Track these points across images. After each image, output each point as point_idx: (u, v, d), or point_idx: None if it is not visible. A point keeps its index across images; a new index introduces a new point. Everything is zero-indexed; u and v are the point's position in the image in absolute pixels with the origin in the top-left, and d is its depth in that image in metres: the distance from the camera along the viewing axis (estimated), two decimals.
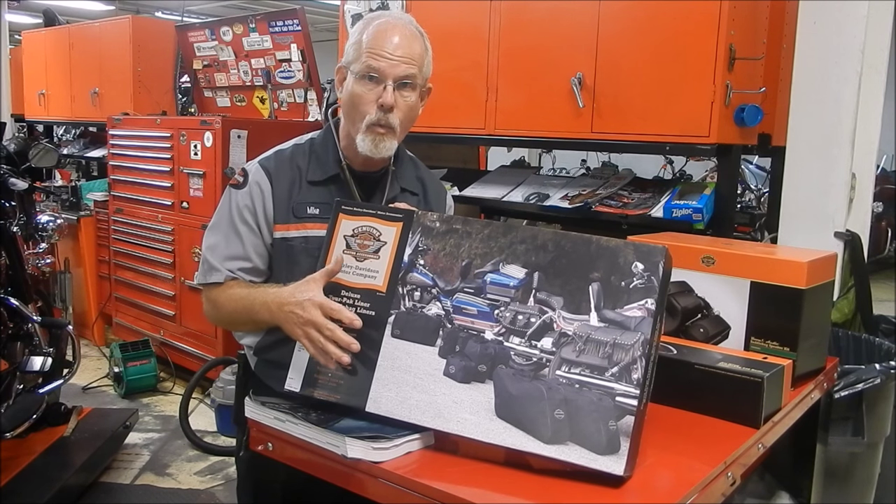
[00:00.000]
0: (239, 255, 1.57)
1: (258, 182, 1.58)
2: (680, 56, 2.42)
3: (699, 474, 1.14)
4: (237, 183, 1.60)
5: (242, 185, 1.59)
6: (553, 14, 2.73)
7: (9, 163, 3.09)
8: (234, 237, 1.57)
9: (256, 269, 1.58)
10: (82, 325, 5.00)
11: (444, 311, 1.26)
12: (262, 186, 1.57)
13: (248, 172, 1.60)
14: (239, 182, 1.60)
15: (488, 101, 2.94)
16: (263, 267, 1.59)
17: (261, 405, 1.28)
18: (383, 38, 1.51)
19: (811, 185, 2.41)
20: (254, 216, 1.57)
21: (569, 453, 1.10)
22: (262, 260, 1.59)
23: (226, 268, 1.56)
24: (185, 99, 5.34)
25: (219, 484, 3.23)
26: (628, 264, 1.17)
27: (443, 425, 1.18)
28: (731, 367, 1.38)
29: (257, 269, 1.58)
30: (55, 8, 6.80)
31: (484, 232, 1.28)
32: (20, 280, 2.94)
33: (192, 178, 4.06)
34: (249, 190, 1.58)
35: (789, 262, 1.54)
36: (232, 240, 1.57)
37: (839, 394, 1.88)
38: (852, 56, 2.31)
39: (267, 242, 1.58)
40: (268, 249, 1.59)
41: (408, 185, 1.69)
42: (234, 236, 1.57)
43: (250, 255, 1.57)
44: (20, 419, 2.82)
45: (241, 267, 1.56)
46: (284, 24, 4.39)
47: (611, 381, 1.12)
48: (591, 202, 2.82)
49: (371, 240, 1.33)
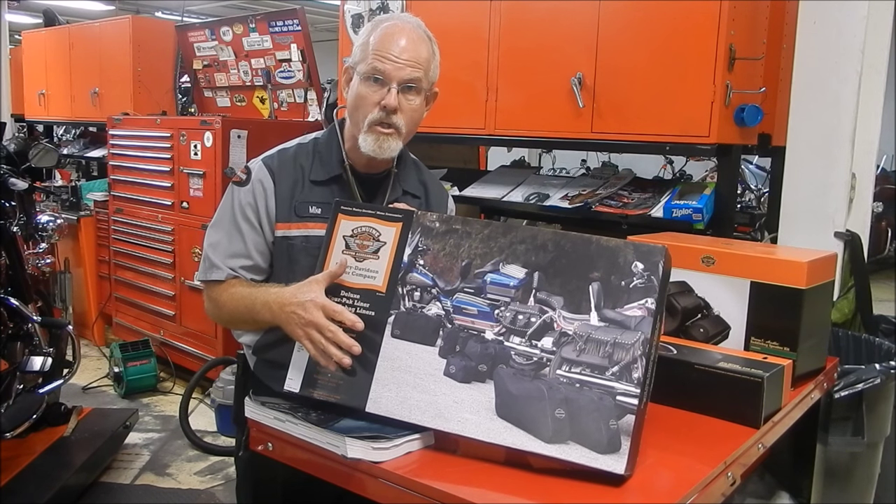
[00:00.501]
0: (241, 252, 1.57)
1: (261, 180, 1.58)
2: (680, 56, 2.42)
3: (699, 474, 1.14)
4: (240, 180, 1.60)
5: (245, 182, 1.59)
6: (553, 14, 2.73)
7: (9, 163, 3.09)
8: (237, 234, 1.57)
9: (258, 268, 1.58)
10: (82, 325, 5.00)
11: (444, 312, 1.26)
12: (264, 184, 1.57)
13: (251, 170, 1.60)
14: (242, 179, 1.60)
15: (488, 101, 2.94)
16: (265, 265, 1.59)
17: (261, 405, 1.28)
18: (390, 40, 1.51)
19: (811, 185, 2.41)
20: (256, 214, 1.57)
21: (570, 452, 1.10)
22: (264, 258, 1.59)
23: (227, 266, 1.56)
24: (185, 99, 5.34)
25: (219, 484, 3.23)
26: (628, 264, 1.17)
27: (443, 425, 1.18)
28: (731, 367, 1.38)
29: (258, 266, 1.58)
30: (55, 8, 6.79)
31: (484, 232, 1.28)
32: (20, 280, 2.94)
33: (192, 178, 4.06)
34: (252, 188, 1.58)
35: (789, 262, 1.54)
36: (234, 237, 1.57)
37: (839, 394, 1.88)
38: (852, 56, 2.31)
39: (269, 240, 1.58)
40: (269, 248, 1.59)
41: (410, 188, 1.69)
42: (237, 234, 1.57)
43: (252, 252, 1.57)
44: (20, 419, 2.82)
45: (242, 265, 1.56)
46: (284, 24, 4.39)
47: (611, 380, 1.13)
48: (591, 202, 2.82)
49: (370, 240, 1.33)
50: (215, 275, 1.56)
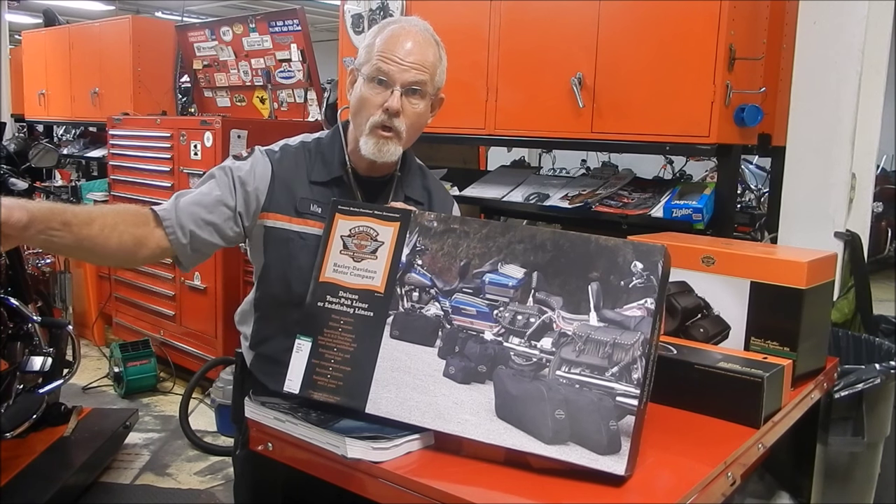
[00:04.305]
0: (204, 202, 1.49)
1: (260, 164, 1.56)
2: (680, 56, 2.42)
3: (699, 474, 1.14)
4: (239, 156, 1.58)
5: (244, 158, 1.57)
6: (553, 14, 2.73)
7: (9, 163, 3.10)
8: (210, 184, 1.52)
9: (213, 224, 1.50)
10: (82, 325, 5.00)
11: (442, 312, 1.26)
12: (263, 169, 1.55)
13: (253, 152, 1.58)
14: (241, 156, 1.58)
15: (488, 101, 2.94)
16: (222, 223, 1.51)
17: (261, 405, 1.28)
18: (396, 42, 1.50)
19: (811, 185, 2.41)
20: (242, 186, 1.52)
21: (570, 453, 1.10)
22: (222, 218, 1.51)
23: (179, 213, 1.46)
24: (185, 99, 5.35)
25: (219, 484, 3.23)
26: (627, 263, 1.17)
27: (443, 426, 1.17)
28: (731, 367, 1.38)
29: (214, 223, 1.50)
30: (55, 8, 6.80)
31: (482, 231, 1.28)
32: (20, 280, 2.95)
33: (192, 178, 4.06)
34: (250, 165, 1.55)
35: (789, 262, 1.54)
36: (206, 187, 1.52)
37: (839, 394, 1.87)
38: (852, 56, 2.31)
39: (243, 216, 1.52)
40: (239, 221, 1.52)
41: (413, 194, 1.66)
42: (212, 184, 1.52)
43: (214, 207, 1.49)
44: (20, 419, 2.82)
45: (202, 217, 1.48)
46: (284, 24, 4.40)
47: (611, 380, 1.12)
48: (591, 202, 2.82)
49: (368, 240, 1.32)
50: (157, 207, 1.46)
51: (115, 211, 1.40)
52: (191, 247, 1.47)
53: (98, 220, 1.32)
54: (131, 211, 1.42)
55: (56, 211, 1.26)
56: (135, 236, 1.39)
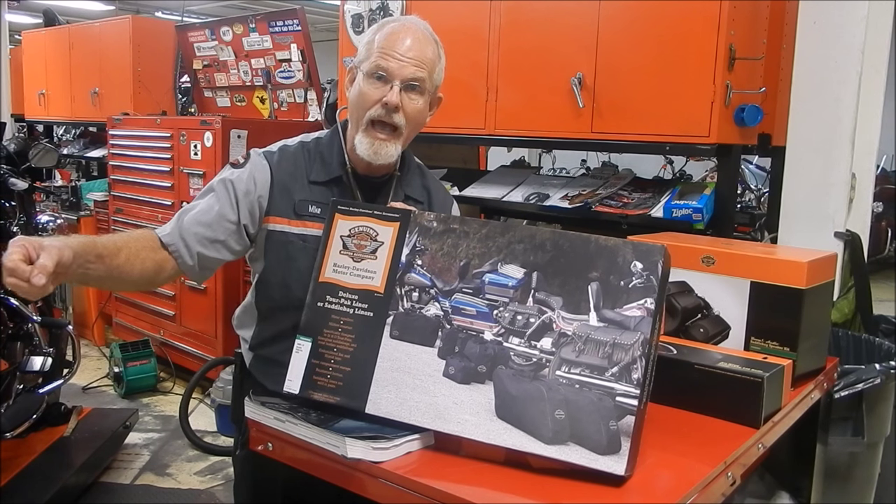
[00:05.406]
0: (206, 221, 1.50)
1: (258, 169, 1.56)
2: (680, 56, 2.42)
3: (699, 474, 1.14)
4: (236, 163, 1.58)
5: (241, 165, 1.57)
6: (553, 14, 2.73)
7: (9, 163, 3.09)
8: (211, 200, 1.53)
9: (217, 241, 1.51)
10: (82, 325, 5.00)
11: (442, 312, 1.26)
12: (262, 174, 1.55)
13: (250, 157, 1.59)
14: (238, 163, 1.58)
15: (488, 101, 2.94)
16: (227, 239, 1.52)
17: (261, 405, 1.28)
18: (395, 39, 1.51)
19: (811, 185, 2.41)
20: (246, 196, 1.53)
21: (570, 453, 1.10)
22: (227, 233, 1.52)
23: (182, 234, 1.48)
24: (185, 99, 5.35)
25: (219, 484, 3.23)
26: (627, 263, 1.17)
27: (443, 426, 1.18)
28: (731, 367, 1.38)
29: (218, 240, 1.51)
30: (55, 8, 6.80)
31: (482, 231, 1.28)
32: None
33: (192, 178, 4.06)
34: (249, 171, 1.55)
35: (789, 262, 1.54)
36: (208, 203, 1.53)
37: (839, 394, 1.87)
38: (852, 56, 2.30)
39: (247, 225, 1.53)
40: (242, 230, 1.53)
41: (412, 193, 1.66)
42: (213, 200, 1.53)
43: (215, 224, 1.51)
44: (20, 419, 2.82)
45: (205, 235, 1.49)
46: (284, 24, 4.40)
47: (611, 380, 1.12)
48: (591, 202, 2.82)
49: (368, 240, 1.32)
50: (160, 231, 1.48)
51: (134, 238, 1.44)
52: (199, 265, 1.50)
53: (124, 250, 1.37)
54: (147, 236, 1.46)
55: (88, 244, 1.29)
56: (155, 261, 1.44)
